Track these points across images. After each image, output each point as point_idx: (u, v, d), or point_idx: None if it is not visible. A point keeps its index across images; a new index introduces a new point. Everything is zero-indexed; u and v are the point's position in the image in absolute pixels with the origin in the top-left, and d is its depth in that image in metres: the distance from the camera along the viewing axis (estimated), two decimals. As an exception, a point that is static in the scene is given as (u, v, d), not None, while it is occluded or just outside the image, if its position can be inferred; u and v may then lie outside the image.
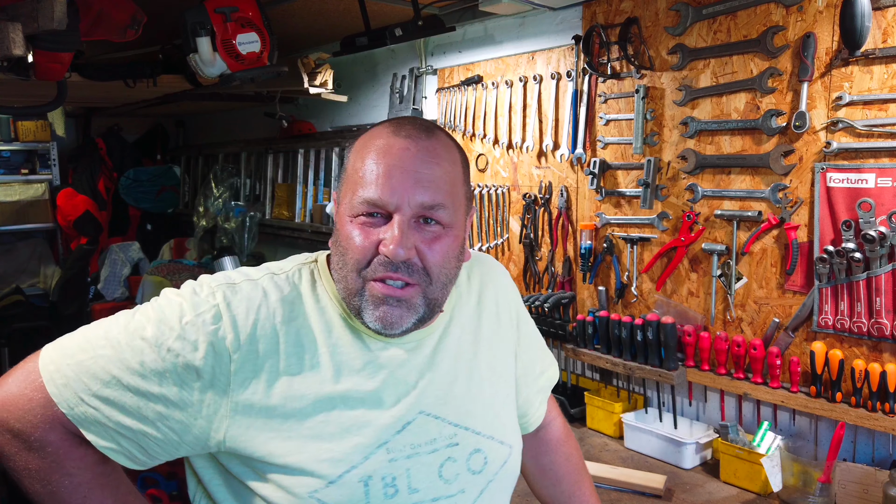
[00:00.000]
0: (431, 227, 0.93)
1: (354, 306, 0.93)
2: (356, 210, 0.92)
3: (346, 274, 0.93)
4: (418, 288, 0.93)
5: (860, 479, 1.67)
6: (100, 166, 4.55)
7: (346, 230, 0.93)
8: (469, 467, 0.99)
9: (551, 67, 2.45)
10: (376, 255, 0.91)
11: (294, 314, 0.95)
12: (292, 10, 2.57)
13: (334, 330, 0.96)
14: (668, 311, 2.16)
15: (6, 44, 1.67)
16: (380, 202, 0.90)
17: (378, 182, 0.91)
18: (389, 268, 0.90)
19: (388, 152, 0.93)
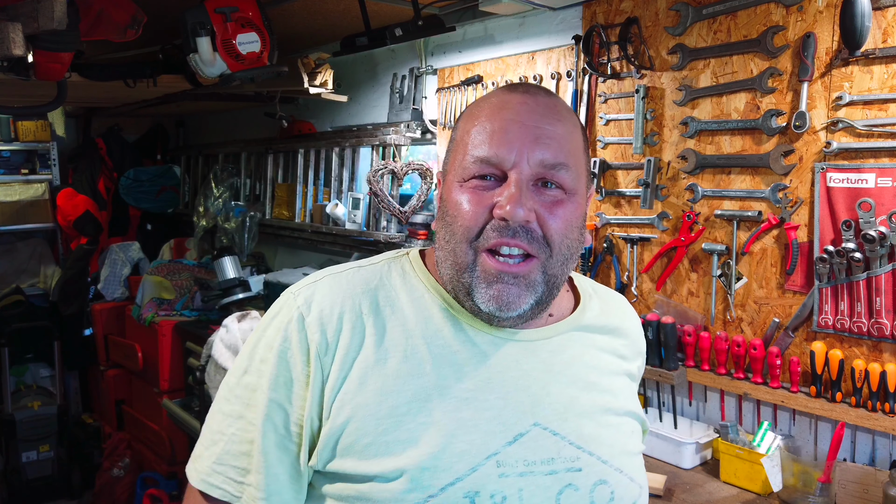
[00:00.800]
0: (552, 191, 0.82)
1: (464, 285, 0.82)
2: (467, 172, 0.82)
3: (454, 247, 0.83)
4: (537, 261, 0.82)
5: (860, 479, 1.67)
6: (100, 166, 4.55)
7: (455, 197, 0.83)
8: (592, 499, 0.84)
9: (551, 67, 2.45)
10: (490, 221, 0.80)
11: (384, 304, 0.86)
12: (292, 10, 2.57)
13: (433, 321, 0.86)
14: (668, 310, 2.16)
15: (6, 44, 1.67)
16: (495, 159, 0.81)
17: (493, 138, 0.81)
18: (506, 233, 0.79)
19: (504, 107, 0.83)
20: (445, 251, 0.85)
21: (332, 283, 0.87)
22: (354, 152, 3.31)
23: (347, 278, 0.88)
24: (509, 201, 0.79)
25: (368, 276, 0.89)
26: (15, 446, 3.98)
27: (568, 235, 0.83)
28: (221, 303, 3.36)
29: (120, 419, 4.03)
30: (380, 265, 0.92)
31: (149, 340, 3.56)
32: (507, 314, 0.82)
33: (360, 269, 0.90)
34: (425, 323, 0.86)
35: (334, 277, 0.89)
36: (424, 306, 0.87)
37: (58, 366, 4.27)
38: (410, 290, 0.88)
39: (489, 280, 0.81)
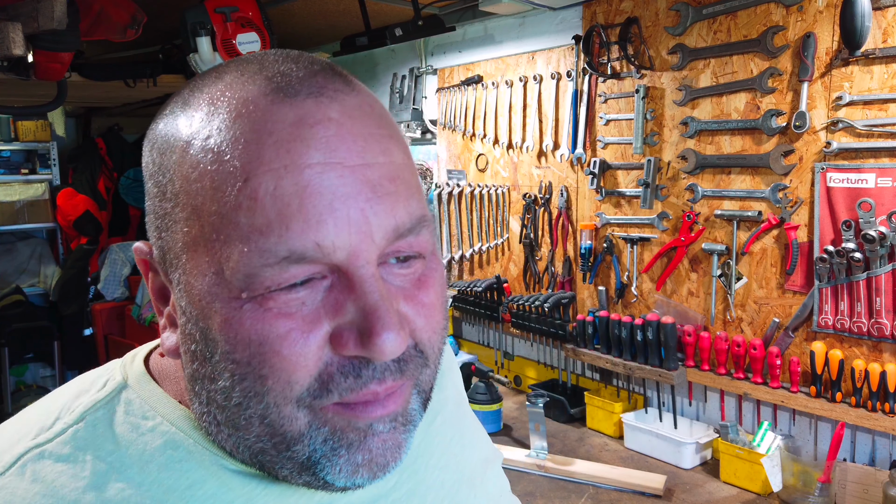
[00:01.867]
0: (410, 266, 0.49)
1: (296, 460, 0.47)
2: (261, 280, 0.43)
3: (262, 413, 0.45)
4: (409, 382, 0.50)
5: (860, 479, 1.67)
6: (100, 166, 4.55)
7: (249, 328, 0.43)
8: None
9: (551, 67, 2.45)
10: (332, 364, 0.45)
11: None
12: (292, 10, 2.57)
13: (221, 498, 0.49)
14: (668, 311, 2.16)
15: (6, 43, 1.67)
16: (315, 252, 0.43)
17: (303, 209, 0.43)
18: (372, 377, 0.46)
19: (302, 137, 0.44)
20: (236, 419, 0.46)
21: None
22: (354, 152, 3.31)
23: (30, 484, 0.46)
24: (373, 326, 0.44)
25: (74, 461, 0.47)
26: (15, 446, 3.98)
27: (441, 323, 0.51)
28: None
29: (120, 419, 4.03)
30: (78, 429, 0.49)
31: (149, 340, 3.55)
32: (382, 476, 0.49)
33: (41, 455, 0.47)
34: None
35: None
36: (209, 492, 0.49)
37: (58, 366, 4.27)
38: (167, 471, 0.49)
39: (351, 442, 0.47)
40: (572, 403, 2.34)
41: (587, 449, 2.11)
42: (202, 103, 0.46)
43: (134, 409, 0.50)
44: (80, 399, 0.51)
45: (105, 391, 0.52)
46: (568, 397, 2.37)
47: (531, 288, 2.62)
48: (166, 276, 0.49)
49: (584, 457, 2.03)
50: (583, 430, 2.27)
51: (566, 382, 2.47)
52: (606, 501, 1.80)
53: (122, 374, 0.53)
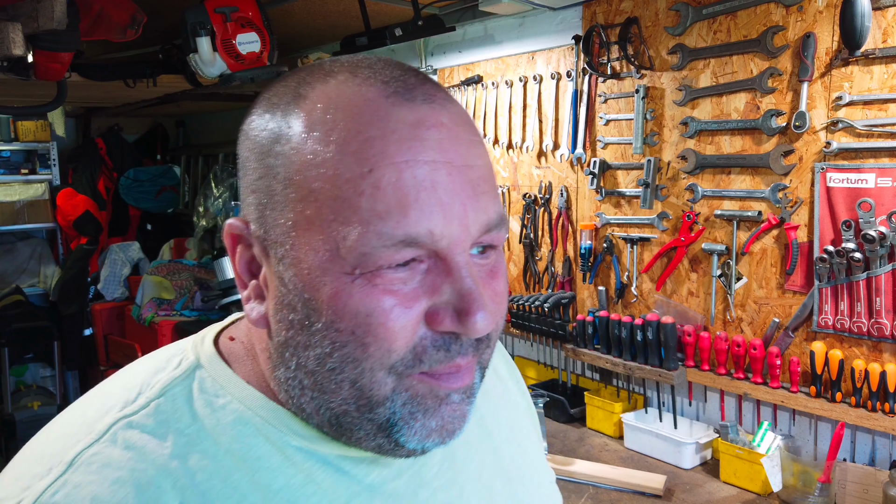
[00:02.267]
0: (489, 258, 0.55)
1: (375, 422, 0.52)
2: (372, 259, 0.48)
3: (353, 377, 0.51)
4: (474, 360, 0.55)
5: (860, 479, 1.67)
6: (100, 166, 4.55)
7: (358, 300, 0.49)
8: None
9: (551, 67, 2.45)
10: (426, 338, 0.51)
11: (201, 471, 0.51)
12: (292, 10, 2.57)
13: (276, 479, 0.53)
14: (667, 311, 2.16)
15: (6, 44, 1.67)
16: (426, 238, 0.49)
17: (418, 200, 0.48)
18: (458, 351, 0.52)
19: (418, 136, 0.49)
20: (326, 383, 0.51)
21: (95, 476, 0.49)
22: (354, 152, 3.31)
23: (123, 450, 0.51)
24: (469, 306, 0.50)
25: (157, 432, 0.52)
26: (15, 446, 3.97)
27: (505, 310, 0.57)
28: (221, 303, 3.35)
29: (120, 419, 4.03)
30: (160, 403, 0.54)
31: (149, 340, 3.56)
32: (448, 442, 0.55)
33: (129, 427, 0.52)
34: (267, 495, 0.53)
35: (91, 459, 0.50)
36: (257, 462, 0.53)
37: (58, 366, 4.27)
38: (235, 436, 0.54)
39: (427, 408, 0.52)
40: (572, 403, 2.34)
41: (587, 449, 2.11)
42: (317, 99, 0.51)
43: (207, 388, 0.55)
44: (158, 376, 0.56)
45: (181, 369, 0.57)
46: (568, 397, 2.37)
47: (531, 288, 2.62)
48: (263, 251, 0.53)
49: (584, 457, 2.04)
50: (583, 430, 2.27)
51: (566, 382, 2.47)
52: (606, 501, 1.80)
53: (195, 355, 0.58)
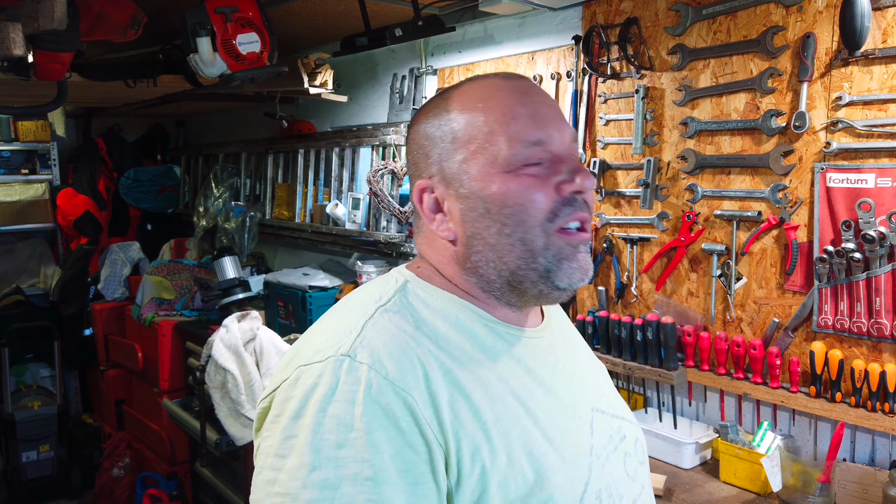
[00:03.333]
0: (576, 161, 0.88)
1: (536, 269, 0.81)
2: (515, 160, 0.80)
3: (520, 237, 0.80)
4: (589, 218, 0.85)
5: (860, 480, 1.67)
6: (100, 166, 4.55)
7: (508, 187, 0.80)
8: (639, 458, 0.93)
9: (551, 67, 2.46)
10: (558, 202, 0.81)
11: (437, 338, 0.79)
12: (292, 11, 2.58)
13: (481, 338, 0.82)
14: (667, 311, 2.16)
15: (6, 44, 1.67)
16: (547, 140, 0.82)
17: (535, 122, 0.82)
18: (578, 207, 0.82)
19: (525, 92, 0.85)
20: (501, 247, 0.81)
21: (383, 331, 0.76)
22: (354, 152, 3.31)
23: (391, 322, 0.78)
24: (579, 174, 0.81)
25: (404, 315, 0.80)
26: (15, 446, 3.98)
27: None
28: (221, 303, 3.36)
29: (120, 419, 4.03)
30: (397, 299, 0.82)
31: (149, 340, 3.56)
32: (586, 282, 0.84)
33: (387, 310, 0.80)
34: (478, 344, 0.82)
35: (377, 324, 0.77)
36: (466, 328, 0.82)
37: (58, 366, 4.27)
38: (444, 317, 0.82)
39: (568, 254, 0.82)
40: (572, 403, 2.34)
41: (587, 449, 2.11)
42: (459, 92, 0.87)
43: (419, 293, 0.85)
44: (385, 290, 0.85)
45: (398, 286, 0.86)
46: (568, 397, 2.36)
47: (531, 288, 2.62)
48: (446, 187, 0.86)
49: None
50: (583, 431, 2.27)
51: (566, 382, 2.47)
52: (606, 501, 1.80)
53: (403, 278, 0.87)
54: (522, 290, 0.83)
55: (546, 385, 0.84)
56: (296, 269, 3.30)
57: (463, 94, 0.86)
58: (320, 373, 0.72)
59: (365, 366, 0.72)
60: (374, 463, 0.67)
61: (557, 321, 0.99)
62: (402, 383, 0.71)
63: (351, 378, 0.71)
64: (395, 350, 0.74)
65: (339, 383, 0.71)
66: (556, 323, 0.98)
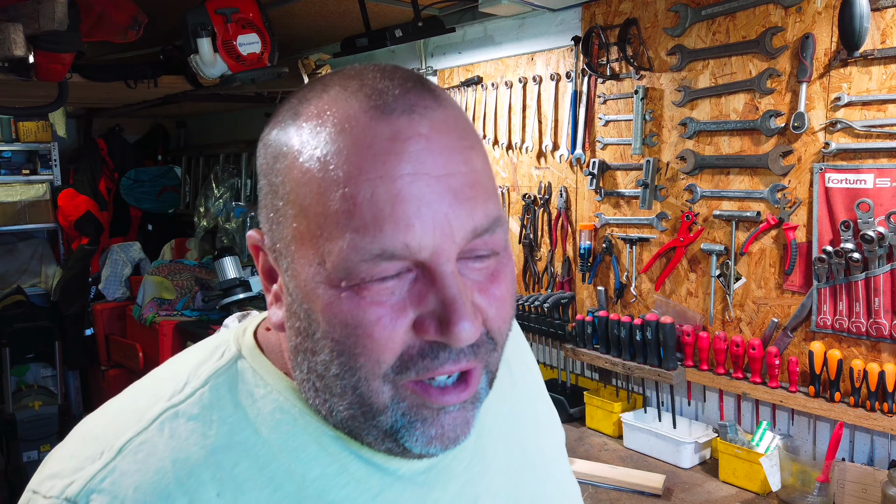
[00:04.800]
0: (485, 263, 0.54)
1: (380, 429, 0.54)
2: (355, 273, 0.50)
3: (353, 385, 0.52)
4: (480, 366, 0.56)
5: (859, 479, 1.67)
6: (101, 167, 4.56)
7: (346, 312, 0.50)
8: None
9: (551, 68, 2.46)
10: (413, 342, 0.52)
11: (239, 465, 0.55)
12: (293, 12, 2.58)
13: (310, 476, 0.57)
14: (666, 310, 2.16)
15: (7, 44, 1.68)
16: (404, 251, 0.49)
17: (395, 215, 0.49)
18: (447, 357, 0.52)
19: (393, 151, 0.50)
20: (332, 388, 0.54)
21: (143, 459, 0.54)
22: (355, 153, 3.31)
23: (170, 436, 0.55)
24: (455, 317, 0.50)
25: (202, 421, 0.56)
26: (16, 446, 3.98)
27: (511, 313, 0.58)
28: (222, 303, 3.36)
29: (121, 419, 4.03)
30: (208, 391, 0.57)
31: (150, 340, 3.57)
32: (453, 448, 0.56)
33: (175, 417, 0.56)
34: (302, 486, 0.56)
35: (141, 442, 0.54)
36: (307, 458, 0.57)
37: (59, 366, 4.27)
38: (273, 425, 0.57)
39: (424, 417, 0.54)
40: (571, 403, 2.35)
41: (586, 448, 2.12)
42: (311, 115, 0.53)
43: (248, 378, 0.59)
44: (204, 366, 0.59)
45: (223, 360, 0.60)
46: (567, 397, 2.37)
47: (531, 288, 2.63)
48: (276, 261, 0.56)
49: (583, 456, 2.04)
50: (582, 430, 2.28)
51: (565, 382, 2.48)
52: (606, 501, 1.80)
53: (237, 346, 0.61)
54: (364, 441, 0.57)
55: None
56: (296, 270, 3.30)
57: (313, 120, 0.53)
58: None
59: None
60: None
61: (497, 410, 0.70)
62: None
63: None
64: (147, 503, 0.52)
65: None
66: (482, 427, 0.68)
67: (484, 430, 0.68)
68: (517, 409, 0.74)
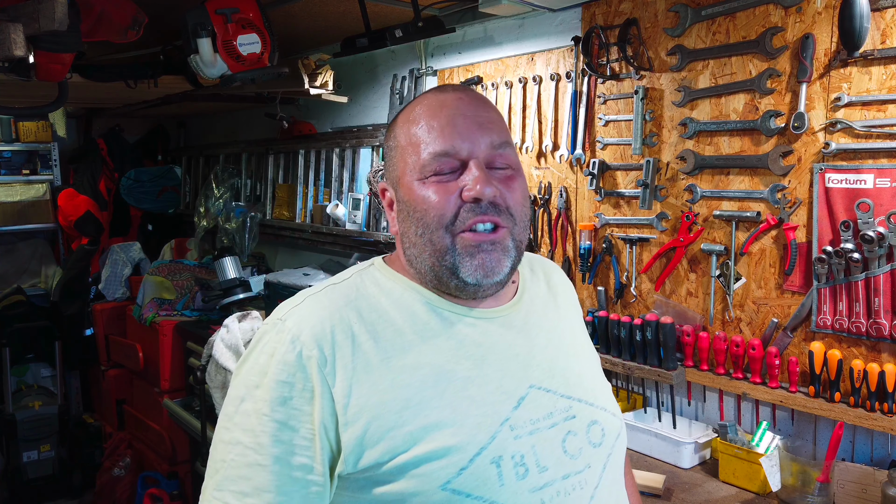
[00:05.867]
0: (503, 170, 0.94)
1: (447, 267, 0.91)
2: (426, 169, 0.91)
3: (429, 237, 0.91)
4: (507, 230, 0.92)
5: (859, 479, 1.67)
6: (101, 167, 4.56)
7: (419, 194, 0.91)
8: (590, 440, 0.95)
9: (551, 68, 2.46)
10: (461, 206, 0.90)
11: (369, 311, 0.92)
12: (293, 12, 2.58)
13: (419, 316, 0.93)
14: (667, 311, 2.17)
15: (7, 44, 1.68)
16: (452, 151, 0.91)
17: (444, 133, 0.91)
18: (479, 211, 0.89)
19: (444, 105, 0.93)
20: (419, 245, 0.93)
21: (315, 303, 0.92)
22: (355, 153, 3.32)
23: (327, 296, 0.93)
24: (477, 182, 0.89)
25: (346, 291, 0.95)
26: (16, 446, 3.98)
27: (524, 204, 0.95)
28: (222, 303, 3.36)
29: (121, 419, 4.04)
30: (352, 279, 0.98)
31: (150, 340, 3.57)
32: (492, 280, 0.92)
33: (335, 286, 0.96)
34: (412, 320, 0.93)
35: (314, 297, 0.94)
36: (406, 305, 0.94)
37: (59, 366, 4.28)
38: (389, 294, 0.95)
39: (471, 252, 0.90)
40: (572, 403, 2.34)
41: (586, 449, 2.12)
42: (408, 105, 1.00)
43: (376, 274, 0.99)
44: (354, 270, 1.01)
45: (364, 266, 1.02)
46: (567, 397, 2.37)
47: (531, 288, 2.63)
48: (393, 188, 0.99)
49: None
50: (582, 430, 2.27)
51: (566, 382, 2.48)
52: (605, 501, 1.80)
53: (371, 262, 1.02)
54: (445, 282, 0.94)
55: (475, 359, 0.92)
56: (296, 270, 3.31)
57: (409, 108, 0.98)
58: (265, 331, 0.92)
59: (288, 327, 0.89)
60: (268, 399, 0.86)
61: (540, 301, 1.06)
62: (309, 344, 0.87)
63: (276, 337, 0.89)
64: (315, 319, 0.89)
65: (269, 339, 0.89)
66: (530, 303, 1.04)
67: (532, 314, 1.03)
68: (563, 304, 1.11)
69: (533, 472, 0.88)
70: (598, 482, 0.95)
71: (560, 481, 0.90)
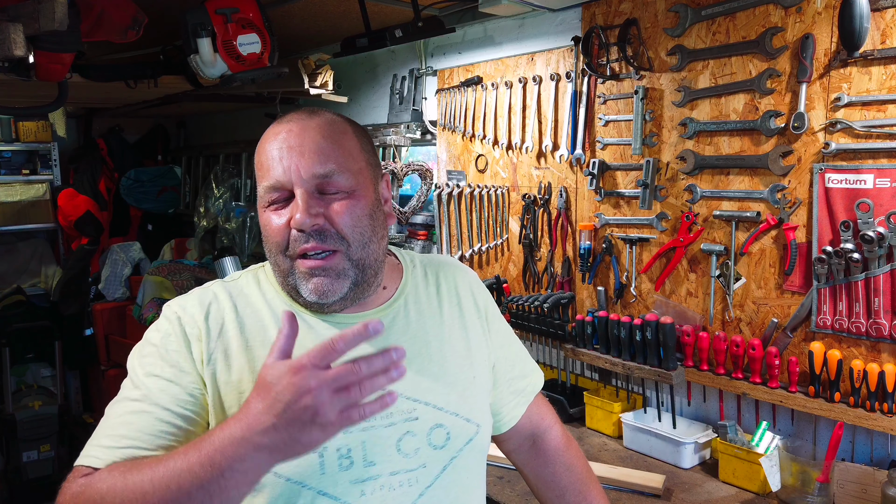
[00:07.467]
0: (333, 195, 0.98)
1: (291, 286, 1.00)
2: (265, 199, 0.99)
3: (275, 260, 1.01)
4: (340, 254, 0.98)
5: (859, 479, 1.67)
6: (101, 167, 4.55)
7: (264, 220, 1.00)
8: (430, 442, 1.02)
9: (551, 68, 2.46)
10: (289, 235, 0.97)
11: (243, 306, 1.04)
12: (293, 12, 2.58)
13: (278, 315, 1.02)
14: (666, 311, 2.16)
15: (7, 44, 1.68)
16: (278, 184, 0.97)
17: (272, 166, 0.97)
18: (304, 240, 0.96)
19: (276, 137, 0.99)
20: (272, 264, 1.03)
21: (198, 294, 1.05)
22: (355, 153, 3.31)
23: (212, 290, 1.06)
24: (297, 213, 0.95)
25: (230, 288, 1.06)
26: (16, 446, 3.98)
27: (357, 225, 0.99)
28: (222, 303, 3.35)
29: (121, 419, 4.03)
30: (241, 279, 1.09)
31: (149, 340, 3.56)
32: (329, 300, 0.99)
33: (223, 284, 1.08)
34: (277, 319, 1.02)
35: (201, 290, 1.06)
36: (275, 307, 1.04)
37: (59, 366, 4.27)
38: (263, 295, 1.06)
39: (306, 277, 0.98)
40: (571, 403, 2.35)
41: (586, 448, 2.12)
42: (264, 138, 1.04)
43: (261, 276, 1.09)
44: (249, 272, 1.11)
45: (255, 269, 1.11)
46: (567, 397, 2.37)
47: (530, 288, 2.63)
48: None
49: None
50: (582, 430, 2.28)
51: (565, 382, 2.48)
52: (605, 501, 1.80)
53: (264, 263, 1.11)
54: (294, 297, 1.03)
55: None
56: (296, 270, 3.30)
57: (263, 135, 1.05)
58: (160, 314, 1.06)
59: (173, 310, 1.03)
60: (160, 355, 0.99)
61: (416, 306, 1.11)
62: (188, 318, 1.01)
63: (163, 318, 1.03)
64: (196, 303, 1.03)
65: (159, 321, 1.04)
66: (402, 307, 1.10)
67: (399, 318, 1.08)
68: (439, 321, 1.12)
69: (358, 465, 0.96)
70: (431, 482, 1.01)
71: (386, 476, 0.98)
